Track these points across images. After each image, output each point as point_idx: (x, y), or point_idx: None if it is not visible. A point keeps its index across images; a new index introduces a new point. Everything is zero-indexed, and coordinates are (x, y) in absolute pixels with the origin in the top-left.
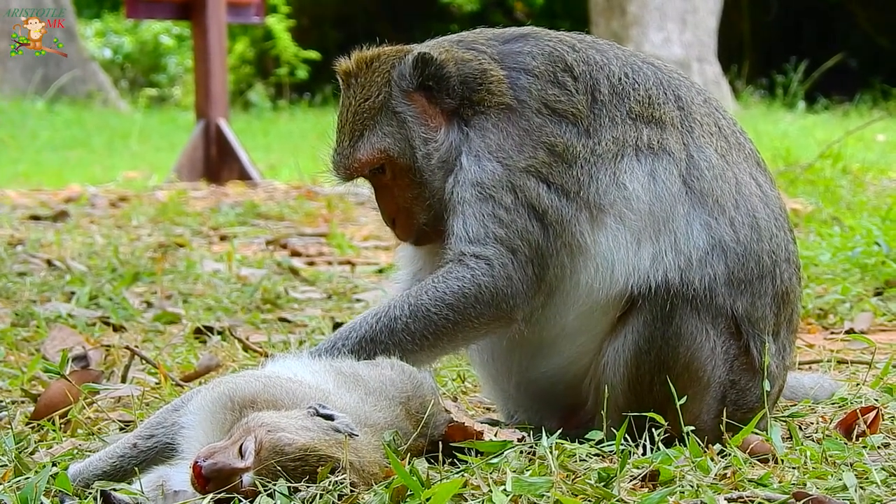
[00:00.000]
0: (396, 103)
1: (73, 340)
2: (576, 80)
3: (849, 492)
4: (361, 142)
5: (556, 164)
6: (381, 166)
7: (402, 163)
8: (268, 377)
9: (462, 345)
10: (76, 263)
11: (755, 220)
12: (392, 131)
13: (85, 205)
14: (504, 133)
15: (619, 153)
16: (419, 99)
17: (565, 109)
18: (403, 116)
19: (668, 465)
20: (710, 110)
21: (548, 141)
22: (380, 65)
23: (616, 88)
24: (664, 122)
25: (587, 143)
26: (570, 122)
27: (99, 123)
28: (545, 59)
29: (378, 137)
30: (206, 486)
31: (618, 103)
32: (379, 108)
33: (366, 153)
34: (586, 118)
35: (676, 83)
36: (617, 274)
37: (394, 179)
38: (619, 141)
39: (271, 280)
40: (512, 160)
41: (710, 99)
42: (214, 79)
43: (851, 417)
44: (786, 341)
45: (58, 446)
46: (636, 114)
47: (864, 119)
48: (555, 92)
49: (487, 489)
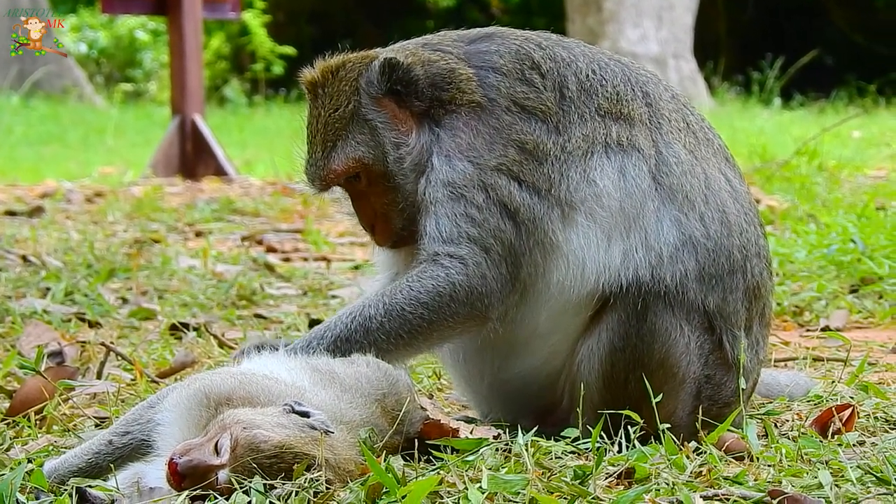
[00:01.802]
0: (367, 111)
1: (49, 337)
2: (543, 77)
3: (824, 490)
4: (335, 152)
5: (527, 161)
6: (357, 174)
7: (377, 169)
8: (243, 374)
9: (437, 344)
10: (52, 259)
11: (725, 216)
12: (365, 139)
13: (60, 200)
14: (474, 132)
15: (589, 150)
16: (389, 104)
17: (534, 106)
18: (374, 123)
19: (644, 462)
20: (677, 106)
21: (518, 139)
22: (346, 73)
23: (584, 85)
24: (633, 119)
25: (557, 140)
26: (539, 119)
27: (74, 119)
28: (512, 58)
29: (351, 147)
30: (181, 482)
31: (586, 100)
32: (350, 118)
33: (340, 163)
34: (555, 115)
35: (644, 80)
36: (588, 272)
37: (369, 186)
38: (589, 138)
39: (247, 276)
40: (483, 159)
41: (678, 95)
42: (190, 74)
43: (827, 415)
44: (759, 335)
45: (33, 443)
46: (605, 110)
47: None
48: (523, 89)
49: (463, 487)
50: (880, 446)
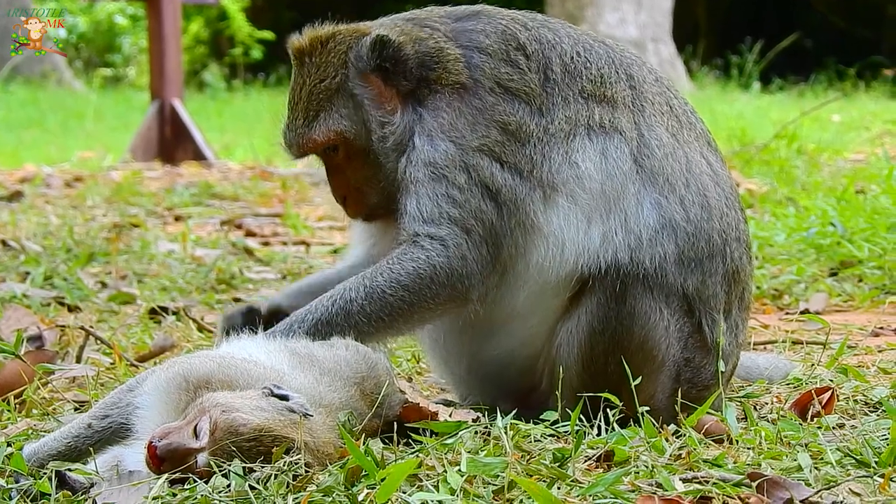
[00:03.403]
0: (353, 85)
1: (28, 321)
2: (528, 58)
3: (803, 472)
4: (317, 122)
5: (509, 142)
6: (335, 146)
7: (357, 144)
8: (222, 357)
9: (418, 325)
10: (31, 244)
11: (706, 199)
12: (348, 113)
13: (40, 185)
14: (457, 112)
15: (572, 132)
16: (375, 81)
17: (518, 88)
18: (360, 99)
19: (623, 445)
20: (661, 89)
21: (501, 120)
22: (335, 45)
23: (568, 67)
24: (616, 101)
25: (540, 121)
26: (523, 100)
27: (53, 103)
28: (498, 38)
29: (334, 120)
30: (160, 466)
31: (570, 82)
32: (335, 90)
33: (321, 134)
34: (539, 97)
35: (628, 62)
36: (567, 253)
37: (347, 160)
38: (572, 120)
39: (226, 260)
40: (465, 139)
41: (662, 78)
42: (169, 59)
43: (806, 398)
44: (738, 319)
45: (12, 427)
46: (588, 93)
47: (819, 99)
48: (508, 70)
49: (442, 469)
50: (860, 429)
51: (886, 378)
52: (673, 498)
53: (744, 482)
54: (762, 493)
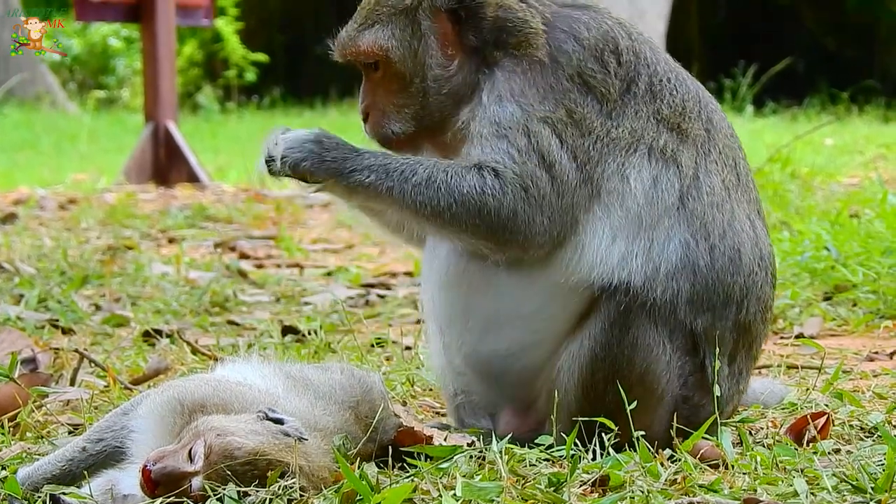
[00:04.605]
0: (422, 15)
1: (22, 343)
2: (619, 65)
3: (799, 498)
4: (367, 32)
5: (573, 127)
6: (376, 63)
7: (398, 69)
8: (217, 381)
9: (446, 234)
10: (25, 266)
11: (738, 255)
12: (402, 36)
13: (34, 207)
14: (530, 82)
15: (633, 146)
16: (445, 22)
17: (596, 86)
18: (422, 30)
19: (619, 470)
20: (733, 146)
21: (570, 105)
22: None
23: (654, 87)
24: (687, 136)
25: (605, 122)
26: (597, 99)
27: (47, 125)
28: (598, 34)
29: (385, 36)
30: (155, 489)
31: (649, 101)
32: (402, 11)
33: (366, 44)
34: (613, 102)
35: (712, 108)
36: (584, 260)
37: (383, 79)
38: (637, 134)
39: (220, 283)
40: (532, 107)
41: (737, 138)
42: (163, 81)
43: (801, 423)
44: (742, 367)
45: (7, 450)
46: (663, 116)
47: (812, 123)
48: (594, 67)
49: (437, 494)
50: (855, 454)
51: (882, 403)
52: None
53: None
54: None
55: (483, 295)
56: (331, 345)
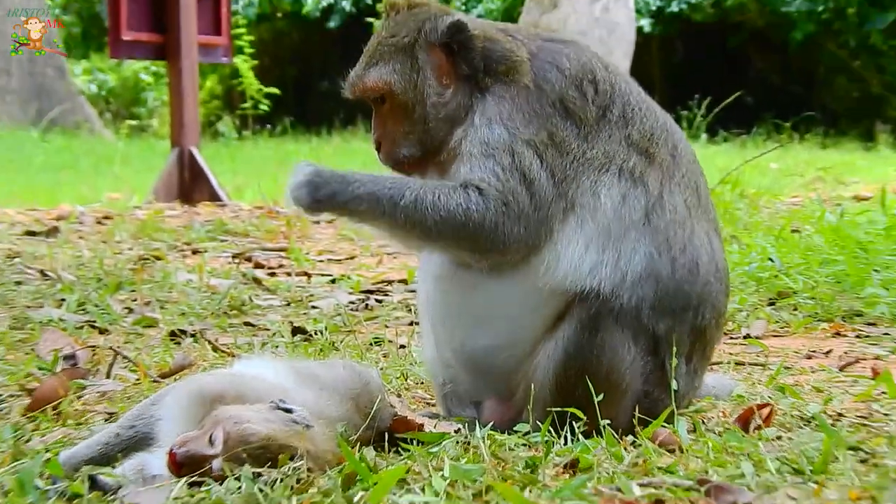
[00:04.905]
0: (419, 50)
1: (64, 342)
2: (596, 93)
3: (746, 479)
4: (373, 69)
5: (552, 148)
6: (382, 97)
7: (402, 100)
8: (234, 375)
9: (435, 248)
10: (66, 274)
11: (696, 267)
12: (403, 70)
13: (74, 222)
14: (517, 107)
15: (605, 166)
16: (440, 54)
17: (575, 112)
18: (420, 63)
19: (587, 454)
20: (694, 170)
21: (551, 129)
22: (419, 13)
23: (626, 114)
24: (653, 159)
25: (582, 145)
26: (575, 123)
27: (86, 150)
28: (579, 66)
29: (388, 71)
30: (180, 470)
31: (622, 126)
32: (402, 48)
33: (372, 81)
34: (589, 126)
35: (678, 137)
36: (560, 268)
37: (390, 111)
38: (609, 155)
39: (237, 289)
40: (518, 130)
41: (698, 163)
42: (187, 111)
43: (748, 413)
44: (697, 366)
45: (50, 435)
46: (633, 141)
47: (759, 149)
48: (574, 95)
49: (428, 475)
50: (796, 440)
51: (819, 396)
52: (631, 501)
53: (693, 487)
54: (710, 498)
55: (470, 297)
56: (334, 344)
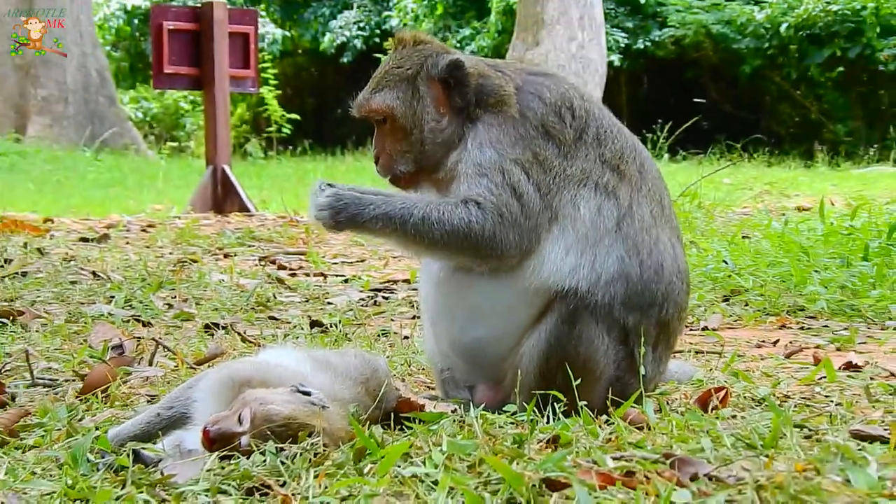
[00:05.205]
0: (420, 82)
1: (112, 333)
2: (573, 118)
3: (706, 452)
4: (378, 94)
5: (537, 165)
6: (385, 118)
7: (402, 123)
8: (260, 363)
9: (436, 256)
10: (115, 274)
11: (661, 268)
12: (404, 97)
13: (122, 230)
14: (504, 132)
15: (583, 182)
16: (438, 87)
17: (555, 135)
18: (420, 93)
19: (567, 431)
20: (659, 186)
21: (535, 149)
22: (423, 49)
23: (600, 136)
24: (624, 175)
25: (562, 163)
26: (556, 144)
27: (132, 168)
28: (557, 95)
29: (391, 97)
30: (212, 445)
31: (596, 146)
32: (405, 78)
33: (376, 104)
34: (568, 146)
35: (644, 156)
36: (545, 270)
37: (391, 131)
38: (586, 172)
39: (263, 287)
40: (506, 151)
41: (662, 178)
42: (220, 134)
43: (707, 395)
44: (662, 355)
45: (100, 415)
46: (606, 159)
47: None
48: (553, 120)
49: (428, 449)
50: (748, 419)
51: (768, 380)
52: (605, 472)
53: (660, 460)
54: (674, 469)
55: (465, 296)
56: (347, 335)
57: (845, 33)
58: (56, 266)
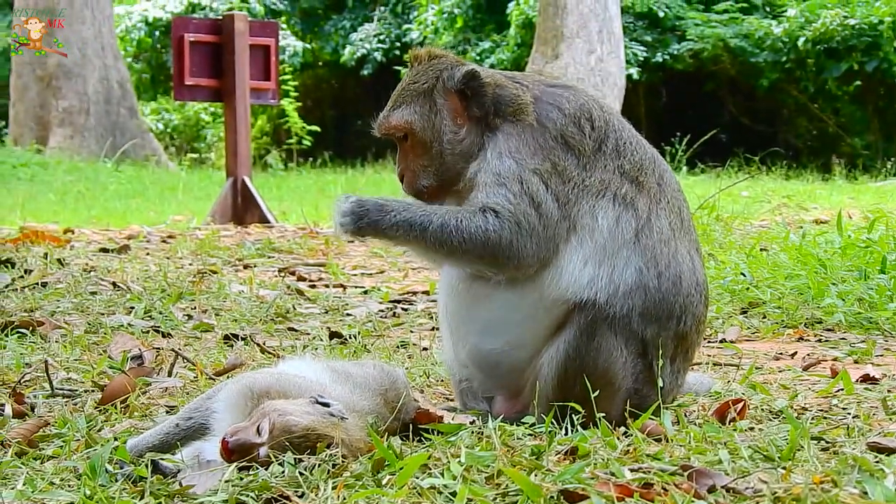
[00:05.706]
0: (437, 95)
1: (132, 344)
2: (592, 129)
3: (723, 464)
4: (397, 111)
5: (556, 176)
6: (405, 135)
7: (421, 138)
8: (279, 374)
9: (455, 263)
10: (135, 285)
11: (679, 280)
12: (422, 112)
13: (142, 241)
14: (524, 141)
15: (602, 192)
16: (455, 99)
17: (574, 145)
18: (438, 106)
19: (585, 443)
20: (678, 198)
21: (554, 159)
22: (438, 63)
23: (619, 148)
24: (643, 187)
25: (581, 174)
26: (574, 155)
27: (153, 179)
28: (577, 106)
29: (409, 113)
30: (231, 456)
31: (615, 158)
32: (422, 93)
33: (395, 120)
34: (587, 157)
35: (664, 168)
36: (563, 280)
37: (412, 147)
38: (605, 183)
39: (282, 299)
40: (525, 161)
41: (682, 191)
42: (241, 146)
43: (724, 407)
44: (680, 366)
45: (119, 425)
46: (625, 171)
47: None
48: (573, 130)
49: (447, 461)
50: (765, 431)
51: (786, 392)
52: (623, 484)
53: (677, 472)
54: (692, 481)
55: (483, 307)
56: (366, 346)
57: (862, 47)
58: (76, 277)
